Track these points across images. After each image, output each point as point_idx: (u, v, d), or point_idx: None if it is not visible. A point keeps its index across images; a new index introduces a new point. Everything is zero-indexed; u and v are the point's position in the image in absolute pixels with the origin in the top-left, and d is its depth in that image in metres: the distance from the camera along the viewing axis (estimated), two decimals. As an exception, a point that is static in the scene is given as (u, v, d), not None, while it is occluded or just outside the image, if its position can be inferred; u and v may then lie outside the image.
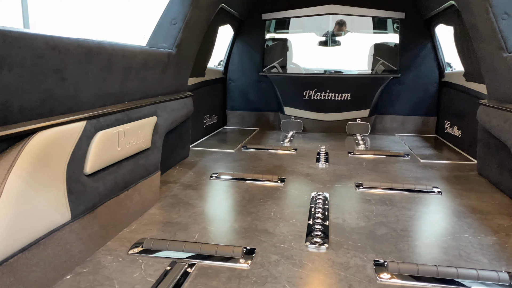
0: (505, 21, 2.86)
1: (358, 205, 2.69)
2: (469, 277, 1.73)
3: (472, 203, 2.76)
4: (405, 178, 3.38)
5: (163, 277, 1.73)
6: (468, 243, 2.13)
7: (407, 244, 2.12)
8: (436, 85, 5.40)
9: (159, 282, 1.69)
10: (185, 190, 2.98)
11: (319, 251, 2.02)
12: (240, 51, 5.78)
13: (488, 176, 3.27)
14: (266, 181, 3.18)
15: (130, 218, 2.33)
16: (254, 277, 1.76)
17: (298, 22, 6.08)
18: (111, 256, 1.93)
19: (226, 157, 4.06)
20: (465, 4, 3.34)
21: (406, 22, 5.38)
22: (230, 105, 5.91)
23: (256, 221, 2.39)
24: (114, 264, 1.85)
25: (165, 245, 1.99)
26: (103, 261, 1.88)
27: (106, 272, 1.78)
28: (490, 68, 3.14)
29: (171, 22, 3.22)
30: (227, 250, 1.95)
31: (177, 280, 1.71)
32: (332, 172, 3.53)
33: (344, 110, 5.50)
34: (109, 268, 1.82)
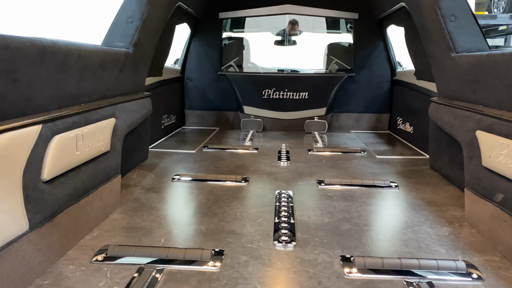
0: (452, 22, 3.02)
1: (321, 202, 2.75)
2: (430, 267, 1.82)
3: (427, 196, 2.90)
4: (363, 173, 3.50)
5: (131, 285, 1.68)
6: (426, 234, 2.24)
7: (370, 238, 2.19)
8: (388, 83, 5.62)
9: (127, 289, 1.64)
10: (147, 193, 2.90)
11: (287, 249, 2.05)
12: (198, 50, 5.72)
13: (440, 170, 3.45)
14: (229, 181, 3.16)
15: (92, 224, 2.23)
16: (224, 279, 1.75)
17: (254, 22, 6.10)
18: (74, 265, 1.84)
19: (187, 158, 4.00)
20: (415, 6, 3.50)
21: (360, 22, 5.56)
22: (188, 104, 5.83)
23: (222, 222, 2.37)
24: (77, 274, 1.77)
25: (130, 251, 1.92)
26: (65, 272, 1.79)
27: (68, 283, 1.70)
28: (439, 67, 3.31)
29: (127, 20, 3.12)
30: (196, 253, 1.92)
31: (145, 287, 1.66)
32: (294, 170, 3.58)
33: (302, 109, 5.59)
34: (71, 278, 1.74)
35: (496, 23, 12.11)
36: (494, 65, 2.40)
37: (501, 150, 2.13)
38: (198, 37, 5.70)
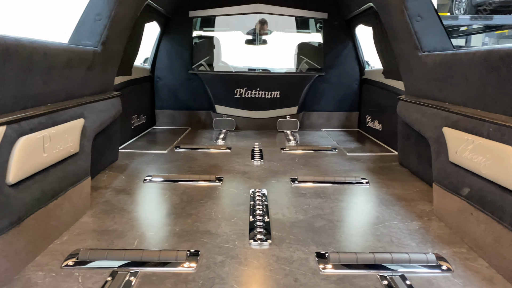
0: (419, 22, 3.11)
1: (295, 200, 2.77)
2: (402, 261, 1.87)
3: (397, 191, 2.98)
4: (335, 171, 3.55)
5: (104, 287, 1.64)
6: (397, 229, 2.30)
7: (344, 234, 2.23)
8: (357, 82, 5.73)
9: (100, 295, 1.59)
10: (118, 195, 2.83)
11: (262, 247, 2.05)
12: (168, 48, 5.63)
13: (408, 166, 3.55)
14: (203, 181, 3.14)
15: (61, 229, 2.16)
16: (201, 280, 1.73)
17: (224, 20, 6.07)
18: (43, 271, 1.77)
19: (158, 158, 3.93)
20: (382, 6, 3.59)
21: (329, 22, 5.64)
22: (159, 104, 5.73)
23: (197, 223, 2.35)
24: (46, 280, 1.71)
25: (103, 255, 1.87)
26: (34, 278, 1.72)
27: (38, 290, 1.64)
28: (406, 66, 3.40)
29: (95, 18, 3.04)
30: (170, 254, 1.89)
31: (121, 290, 1.62)
32: (268, 168, 3.59)
33: (274, 108, 5.61)
34: (41, 285, 1.67)
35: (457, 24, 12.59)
36: (459, 63, 2.49)
37: (466, 146, 2.21)
38: (168, 36, 5.62)
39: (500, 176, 1.88)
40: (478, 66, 2.24)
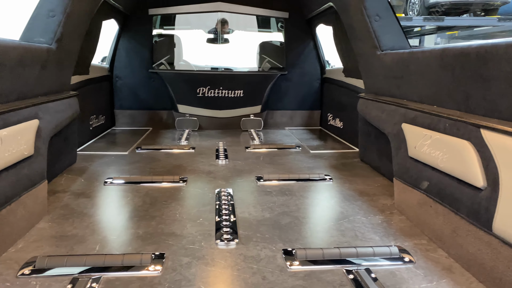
0: (377, 22, 3.20)
1: (261, 198, 2.77)
2: (367, 254, 1.91)
3: (359, 187, 3.05)
4: (299, 168, 3.59)
5: (65, 298, 1.56)
6: (361, 224, 2.35)
7: (310, 230, 2.25)
8: (318, 81, 5.82)
9: (60, 304, 1.52)
10: (78, 199, 2.72)
11: (229, 247, 2.03)
12: (127, 47, 5.48)
13: (369, 162, 3.65)
14: (166, 182, 3.07)
15: (15, 236, 2.04)
16: (167, 283, 1.69)
17: (185, 19, 5.98)
18: (-4, 282, 1.67)
19: (119, 160, 3.81)
20: (342, 6, 3.66)
21: (290, 21, 5.69)
22: (118, 104, 5.56)
23: (161, 225, 2.30)
24: (0, 292, 1.61)
25: (62, 261, 1.79)
26: (-14, 290, 1.61)
27: (-9, 302, 1.54)
28: (366, 64, 3.49)
29: (48, 14, 2.89)
30: (135, 258, 1.84)
31: (82, 298, 1.55)
32: (233, 168, 3.57)
33: (238, 107, 5.60)
34: (-6, 297, 1.57)
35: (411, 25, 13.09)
36: (416, 62, 2.58)
37: (424, 141, 2.29)
38: (127, 34, 5.46)
39: (457, 169, 1.96)
40: (434, 64, 2.33)
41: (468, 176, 1.87)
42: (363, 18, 3.24)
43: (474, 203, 1.81)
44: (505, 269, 1.58)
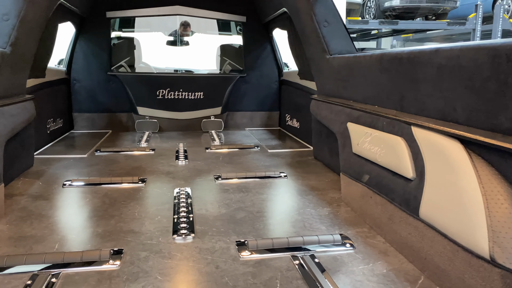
0: (326, 27, 3.41)
1: (218, 195, 2.90)
2: (312, 242, 2.09)
3: (311, 183, 3.25)
4: (257, 167, 3.75)
5: (25, 293, 1.63)
6: (310, 215, 2.53)
7: (263, 223, 2.41)
8: (276, 83, 6.02)
9: (20, 299, 1.58)
10: (36, 201, 2.74)
11: (186, 241, 2.15)
12: (85, 49, 5.44)
13: (322, 159, 3.86)
14: (126, 183, 3.14)
15: None
16: (125, 275, 1.79)
17: (145, 21, 6.02)
18: (-46, 282, 1.71)
19: (78, 163, 3.82)
20: (294, 12, 3.86)
21: (248, 25, 5.85)
22: (76, 107, 5.51)
23: (120, 223, 2.38)
24: (-41, 291, 1.65)
25: (21, 260, 1.84)
26: None
27: (-51, 301, 1.58)
28: (317, 68, 3.70)
29: (2, 18, 2.90)
30: (93, 254, 1.92)
31: (42, 292, 1.62)
32: (192, 168, 3.68)
33: (198, 109, 5.69)
34: (-48, 296, 1.62)
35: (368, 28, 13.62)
36: (359, 65, 2.80)
37: (365, 138, 2.51)
38: (85, 37, 5.43)
39: (391, 162, 2.18)
40: (374, 67, 2.55)
41: (401, 168, 2.09)
42: (312, 24, 3.44)
43: (405, 192, 2.03)
44: (429, 249, 1.80)
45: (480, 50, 1.61)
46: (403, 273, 1.84)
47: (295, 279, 1.77)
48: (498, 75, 1.51)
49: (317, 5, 3.43)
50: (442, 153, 1.77)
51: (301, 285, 1.72)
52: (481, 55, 1.59)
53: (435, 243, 1.76)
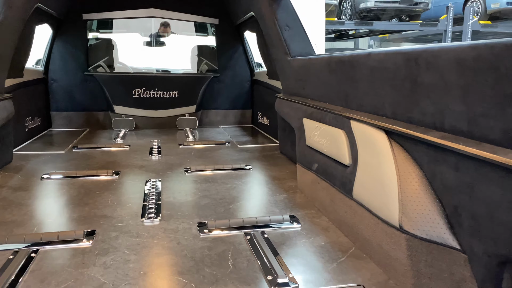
0: (287, 32, 3.72)
1: (186, 186, 3.17)
2: (264, 221, 2.38)
3: (273, 173, 3.55)
4: (226, 160, 4.03)
5: (7, 265, 1.86)
6: (267, 201, 2.83)
7: (224, 208, 2.69)
8: (249, 82, 6.31)
9: (3, 269, 1.82)
10: (15, 192, 2.96)
11: (153, 223, 2.41)
12: (62, 50, 5.62)
13: (286, 153, 4.17)
14: (101, 175, 3.37)
15: None
16: (96, 251, 2.04)
17: (121, 23, 6.23)
18: None
19: (55, 158, 4.03)
20: (260, 16, 4.15)
21: (221, 27, 6.12)
22: (54, 106, 5.68)
23: (94, 210, 2.63)
24: None
25: (3, 240, 2.08)
26: None
27: None
28: (281, 68, 4.00)
29: None
30: (69, 234, 2.17)
31: (22, 264, 1.87)
32: (165, 162, 3.93)
33: (173, 107, 5.94)
34: None
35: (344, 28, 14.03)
36: (313, 67, 3.11)
37: (316, 132, 2.82)
38: (62, 38, 5.60)
39: (334, 152, 2.49)
40: (324, 69, 2.86)
41: (340, 156, 2.40)
42: (275, 28, 3.74)
43: (343, 177, 2.34)
44: (359, 224, 2.12)
45: (398, 54, 1.93)
46: (338, 245, 2.15)
47: (244, 250, 2.06)
48: (410, 76, 1.83)
49: (279, 11, 3.74)
50: (370, 142, 2.08)
51: (249, 255, 2.02)
52: (398, 59, 1.91)
53: (363, 219, 2.07)
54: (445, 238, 1.63)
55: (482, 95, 1.44)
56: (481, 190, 1.47)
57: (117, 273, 1.84)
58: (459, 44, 1.59)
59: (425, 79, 1.75)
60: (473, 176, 1.50)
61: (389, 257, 1.83)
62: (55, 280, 1.76)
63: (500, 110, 1.37)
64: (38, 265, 1.89)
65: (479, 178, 1.47)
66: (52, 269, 1.86)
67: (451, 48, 1.61)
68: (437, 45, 1.76)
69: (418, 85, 1.79)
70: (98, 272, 1.84)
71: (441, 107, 1.66)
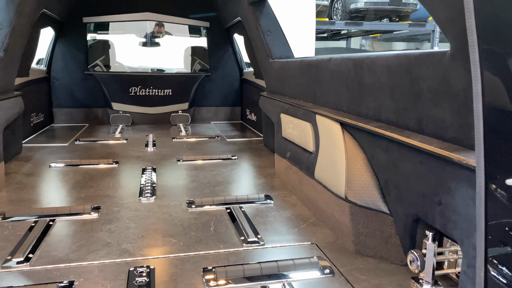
0: (269, 36, 4.16)
1: (178, 172, 3.62)
2: (243, 199, 2.84)
3: (256, 163, 4.00)
4: (214, 152, 4.47)
5: (31, 229, 2.30)
6: (248, 185, 3.28)
7: (210, 190, 3.14)
8: (238, 81, 6.76)
9: (28, 233, 2.26)
10: (28, 177, 3.39)
11: (149, 201, 2.86)
12: (63, 51, 6.03)
13: (268, 145, 4.63)
14: (102, 164, 3.81)
15: None
16: (102, 221, 2.49)
17: (118, 25, 6.65)
18: (-23, 225, 2.37)
19: (60, 150, 4.46)
20: (245, 21, 4.60)
21: (212, 29, 6.56)
22: (56, 103, 6.10)
23: (98, 191, 3.07)
24: (-18, 230, 2.31)
25: (25, 212, 2.52)
26: (-29, 230, 2.31)
27: (-23, 236, 2.24)
28: (264, 69, 4.45)
29: None
30: (79, 208, 2.61)
31: (43, 229, 2.31)
32: (159, 153, 4.38)
33: (167, 104, 6.38)
34: (-22, 233, 2.28)
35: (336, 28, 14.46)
36: (290, 69, 3.56)
37: (289, 125, 3.27)
38: (63, 40, 6.02)
39: (302, 141, 2.95)
40: (297, 70, 3.31)
41: (307, 145, 2.85)
42: (258, 33, 4.19)
43: (308, 162, 2.80)
44: (318, 199, 2.57)
45: (349, 60, 2.39)
46: (301, 216, 2.61)
47: (224, 220, 2.52)
48: (358, 78, 2.29)
49: (262, 18, 4.19)
50: (329, 132, 2.54)
51: (227, 223, 2.47)
52: (350, 64, 2.37)
53: (322, 194, 2.53)
54: (378, 205, 2.09)
55: (402, 93, 1.90)
56: (401, 166, 1.93)
57: (120, 236, 2.28)
58: (388, 53, 2.06)
59: (368, 81, 2.21)
60: (397, 156, 1.97)
61: (338, 222, 2.29)
62: (71, 240, 2.21)
63: (413, 104, 1.83)
64: (56, 230, 2.33)
65: (400, 157, 1.94)
66: (67, 233, 2.31)
67: (383, 56, 2.07)
68: (375, 53, 2.22)
69: (363, 86, 2.25)
70: (104, 235, 2.29)
71: (379, 102, 2.12)
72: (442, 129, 1.67)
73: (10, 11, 3.55)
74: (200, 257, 2.05)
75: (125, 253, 2.08)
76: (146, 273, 1.88)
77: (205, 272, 1.89)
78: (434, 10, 1.60)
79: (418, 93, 1.80)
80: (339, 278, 1.87)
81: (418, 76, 1.78)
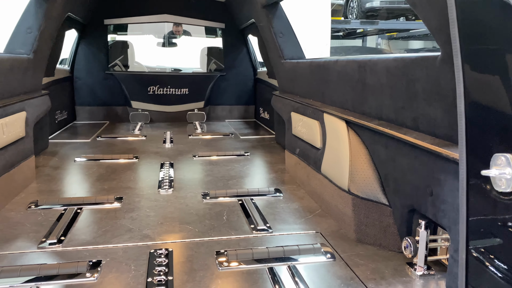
0: (281, 38, 4.34)
1: (194, 167, 3.83)
2: (254, 191, 3.03)
3: (267, 159, 4.19)
4: (228, 149, 4.68)
5: (61, 216, 2.55)
6: (259, 179, 3.48)
7: (223, 183, 3.35)
8: (252, 81, 6.96)
9: (59, 219, 2.50)
10: (56, 170, 3.65)
11: (167, 193, 3.08)
12: (85, 52, 6.33)
13: (280, 142, 4.81)
14: (123, 159, 4.05)
15: (18, 190, 2.98)
16: (125, 209, 2.72)
17: (137, 26, 6.91)
18: (14, 212, 2.62)
19: (83, 146, 4.73)
20: (259, 23, 4.78)
21: (227, 30, 6.77)
22: (79, 101, 6.41)
23: (120, 183, 3.30)
24: (19, 215, 2.57)
25: (56, 201, 2.77)
26: (8, 216, 2.57)
27: (15, 219, 2.50)
28: (276, 69, 4.63)
29: (26, 31, 3.78)
30: (103, 198, 2.85)
31: (72, 216, 2.54)
32: (176, 149, 4.61)
33: (184, 103, 6.62)
34: (15, 218, 2.53)
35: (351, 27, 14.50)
36: (300, 69, 3.74)
37: (299, 123, 3.45)
38: (85, 41, 6.31)
39: (310, 138, 3.13)
40: (307, 71, 3.48)
41: (315, 141, 3.03)
42: (271, 35, 4.37)
43: (315, 157, 2.97)
44: (324, 192, 2.75)
45: (354, 62, 2.56)
46: (308, 208, 2.79)
47: (236, 210, 2.72)
48: (361, 79, 2.46)
49: (275, 20, 4.37)
50: (335, 130, 2.71)
51: (239, 213, 2.67)
52: (354, 65, 2.54)
53: (327, 188, 2.71)
54: (378, 197, 2.26)
55: (400, 93, 2.07)
56: (399, 161, 2.10)
57: (141, 223, 2.50)
58: (388, 56, 2.23)
59: (370, 82, 2.37)
60: (395, 151, 2.13)
61: (341, 213, 2.46)
62: (97, 226, 2.44)
63: (410, 103, 2.00)
64: (83, 217, 2.57)
65: (398, 152, 2.10)
66: (94, 219, 2.54)
67: (383, 59, 2.24)
68: (376, 56, 2.38)
69: (366, 86, 2.42)
70: (127, 222, 2.51)
71: (380, 102, 2.29)
72: (434, 126, 1.83)
73: (39, 16, 3.82)
74: (213, 242, 2.26)
75: (146, 237, 2.30)
76: (165, 254, 2.09)
77: (218, 254, 2.10)
78: (426, 18, 1.77)
79: (414, 94, 1.96)
80: (340, 262, 2.05)
81: (414, 78, 1.95)
